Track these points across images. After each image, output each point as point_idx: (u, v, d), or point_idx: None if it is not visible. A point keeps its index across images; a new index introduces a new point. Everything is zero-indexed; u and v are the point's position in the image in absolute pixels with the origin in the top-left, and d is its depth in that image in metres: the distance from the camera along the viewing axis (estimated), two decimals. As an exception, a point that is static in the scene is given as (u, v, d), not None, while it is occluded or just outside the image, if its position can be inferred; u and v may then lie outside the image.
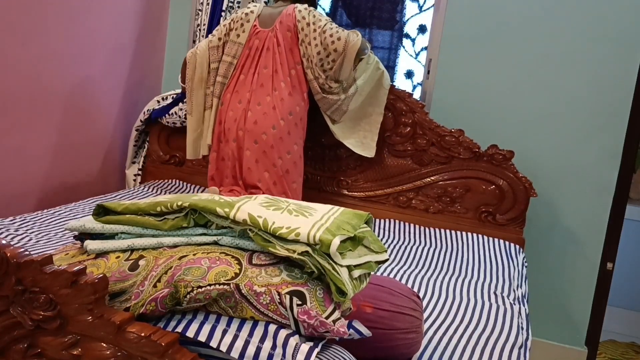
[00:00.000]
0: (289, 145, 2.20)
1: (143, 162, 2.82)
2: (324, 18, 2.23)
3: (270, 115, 2.17)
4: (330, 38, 2.17)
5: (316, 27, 2.20)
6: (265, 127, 2.16)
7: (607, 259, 2.55)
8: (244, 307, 0.98)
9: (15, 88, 2.21)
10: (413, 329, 1.26)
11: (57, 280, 0.93)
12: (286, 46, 2.22)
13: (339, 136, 2.41)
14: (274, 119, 2.16)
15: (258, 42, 2.25)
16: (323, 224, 1.06)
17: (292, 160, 2.22)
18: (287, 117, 2.19)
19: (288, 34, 2.23)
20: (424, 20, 2.88)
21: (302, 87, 2.25)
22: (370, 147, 2.46)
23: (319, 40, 2.19)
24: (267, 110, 2.17)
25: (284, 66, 2.22)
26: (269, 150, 2.16)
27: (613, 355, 3.09)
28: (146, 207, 1.13)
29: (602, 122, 2.44)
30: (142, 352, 0.91)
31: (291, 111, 2.20)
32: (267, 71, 2.22)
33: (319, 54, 2.19)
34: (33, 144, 2.34)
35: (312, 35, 2.20)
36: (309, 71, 2.23)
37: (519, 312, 1.72)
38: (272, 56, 2.22)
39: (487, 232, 2.40)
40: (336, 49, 2.17)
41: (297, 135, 2.23)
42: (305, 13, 2.23)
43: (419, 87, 2.86)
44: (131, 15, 2.72)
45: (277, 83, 2.20)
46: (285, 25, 2.23)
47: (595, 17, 2.41)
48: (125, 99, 2.80)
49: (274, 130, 2.16)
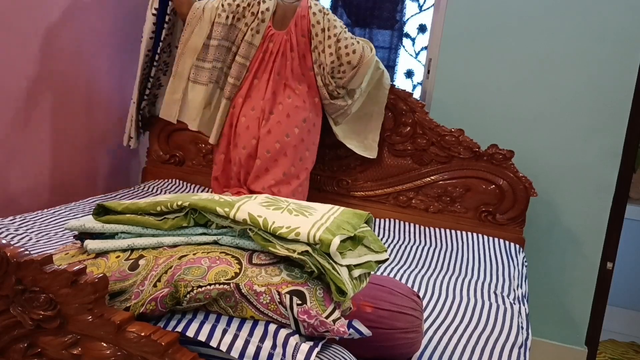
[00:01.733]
0: (301, 152, 2.19)
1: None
2: (338, 24, 2.17)
3: (284, 123, 2.15)
4: (345, 49, 2.13)
5: (331, 34, 2.14)
6: (279, 136, 2.14)
7: (607, 259, 2.56)
8: (244, 307, 0.98)
9: (15, 88, 2.21)
10: (413, 328, 1.26)
11: (57, 279, 0.93)
12: (299, 52, 2.18)
13: (341, 137, 2.41)
14: (288, 128, 2.15)
15: (272, 45, 2.20)
16: (323, 224, 1.06)
17: (304, 167, 2.21)
18: (301, 124, 2.17)
19: (302, 39, 2.17)
20: (424, 19, 2.88)
21: (313, 93, 2.21)
22: (373, 147, 2.46)
23: (333, 49, 2.13)
24: (280, 118, 2.15)
25: (297, 72, 2.18)
26: (282, 158, 2.15)
27: (613, 354, 3.09)
28: (146, 206, 1.13)
29: (602, 121, 2.44)
30: (142, 352, 0.91)
31: (305, 118, 2.18)
32: (280, 78, 2.19)
33: (332, 63, 2.15)
34: (33, 143, 2.34)
35: (326, 43, 2.14)
36: (319, 78, 2.19)
37: (519, 312, 1.72)
38: (285, 62, 2.18)
39: (487, 231, 2.40)
40: (350, 61, 2.13)
41: (309, 141, 2.22)
42: (320, 17, 2.16)
43: (419, 87, 2.87)
44: (132, 13, 2.72)
45: (290, 90, 2.18)
46: (300, 29, 2.17)
47: (596, 17, 2.41)
48: (127, 98, 2.80)
49: (288, 139, 2.15)
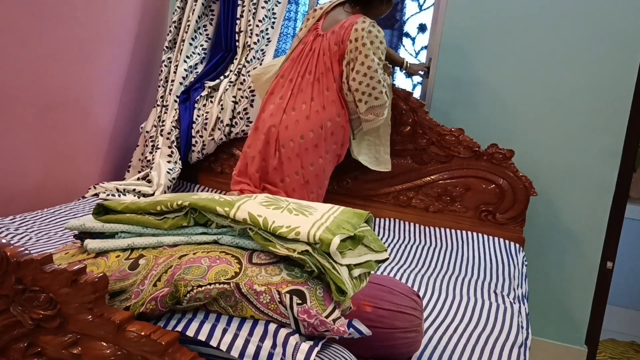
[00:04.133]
0: (313, 158, 2.17)
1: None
2: (376, 58, 2.10)
3: (302, 124, 2.14)
4: (365, 88, 2.11)
5: (366, 65, 2.08)
6: (294, 135, 2.14)
7: (607, 258, 2.56)
8: (244, 306, 0.98)
9: (15, 87, 2.20)
10: (413, 327, 1.26)
11: (57, 279, 0.93)
12: (332, 57, 2.16)
13: (355, 153, 2.37)
14: (305, 129, 2.14)
15: (312, 40, 2.21)
16: (323, 223, 1.06)
17: (314, 173, 2.19)
18: (317, 129, 2.15)
19: (334, 48, 2.15)
20: (423, 19, 2.88)
21: (341, 101, 2.18)
22: (386, 160, 2.44)
23: (362, 79, 2.10)
24: (299, 118, 2.15)
25: (326, 77, 2.17)
26: (294, 157, 2.15)
27: (613, 354, 3.09)
28: (146, 206, 1.13)
29: (602, 121, 2.44)
30: (142, 351, 0.91)
31: (322, 125, 2.15)
32: (310, 77, 2.18)
33: (356, 92, 2.13)
34: (33, 143, 2.34)
35: (357, 68, 2.10)
36: (347, 93, 2.17)
37: (519, 311, 1.72)
38: (317, 62, 2.18)
39: (487, 231, 2.40)
40: (367, 102, 2.13)
41: (324, 149, 2.18)
42: (361, 35, 2.09)
43: (419, 87, 2.87)
44: (131, 13, 2.72)
45: (317, 92, 2.17)
46: (337, 36, 2.15)
47: (596, 16, 2.41)
48: (126, 98, 2.80)
49: (302, 140, 2.14)
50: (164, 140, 2.69)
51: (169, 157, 2.67)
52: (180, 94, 2.73)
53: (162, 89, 2.76)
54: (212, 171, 2.80)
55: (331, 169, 2.28)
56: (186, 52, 2.72)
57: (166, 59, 2.76)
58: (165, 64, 2.76)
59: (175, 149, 2.69)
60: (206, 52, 2.80)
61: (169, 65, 2.76)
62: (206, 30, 2.79)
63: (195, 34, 2.75)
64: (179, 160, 2.69)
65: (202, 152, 2.72)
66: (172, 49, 2.78)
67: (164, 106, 2.74)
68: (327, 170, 2.25)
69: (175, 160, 2.67)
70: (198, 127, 2.70)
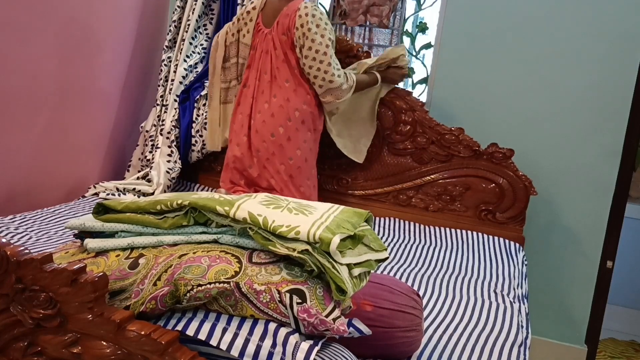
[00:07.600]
0: (290, 151, 2.17)
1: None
2: (326, 37, 2.09)
3: (269, 123, 2.15)
4: (317, 72, 2.11)
5: (314, 49, 2.08)
6: (265, 136, 2.15)
7: (607, 257, 2.55)
8: (244, 306, 0.98)
9: (15, 87, 2.20)
10: (413, 327, 1.26)
11: (57, 278, 0.93)
12: (283, 49, 2.16)
13: (334, 134, 2.39)
14: (274, 127, 2.15)
15: (261, 41, 2.21)
16: (323, 223, 1.06)
17: (296, 165, 2.18)
18: (286, 123, 2.15)
19: (283, 38, 2.15)
20: (424, 18, 2.88)
21: (304, 87, 2.17)
22: (362, 152, 2.48)
23: (312, 64, 2.11)
24: (265, 118, 2.16)
25: (282, 71, 2.17)
26: (272, 157, 2.16)
27: (613, 353, 3.09)
28: (146, 205, 1.13)
29: (602, 120, 2.44)
30: (142, 351, 0.91)
31: (290, 117, 2.15)
32: (267, 77, 2.19)
33: (309, 74, 2.13)
34: (33, 142, 2.34)
35: (305, 53, 2.10)
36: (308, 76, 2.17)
37: (519, 311, 1.72)
38: (269, 60, 2.18)
39: (487, 230, 2.40)
40: (322, 86, 2.13)
41: (299, 139, 2.18)
42: (305, 21, 2.08)
43: (419, 86, 2.86)
44: (131, 13, 2.72)
45: (276, 89, 2.17)
46: (281, 27, 2.15)
47: (596, 16, 2.41)
48: (126, 97, 2.80)
49: (273, 138, 2.15)
50: (164, 139, 2.69)
51: (169, 156, 2.68)
52: (180, 93, 2.73)
53: (162, 88, 2.76)
54: (211, 170, 2.80)
55: (314, 157, 2.28)
56: (186, 52, 2.72)
57: (166, 58, 2.77)
58: (165, 63, 2.76)
59: (175, 149, 2.69)
60: (206, 51, 2.80)
61: (169, 64, 2.76)
62: (206, 30, 2.80)
63: (195, 33, 2.76)
64: (178, 160, 2.69)
65: (202, 151, 2.72)
66: (172, 48, 2.78)
67: (164, 105, 2.74)
68: (309, 160, 2.25)
69: (175, 160, 2.67)
70: (198, 127, 2.70)
